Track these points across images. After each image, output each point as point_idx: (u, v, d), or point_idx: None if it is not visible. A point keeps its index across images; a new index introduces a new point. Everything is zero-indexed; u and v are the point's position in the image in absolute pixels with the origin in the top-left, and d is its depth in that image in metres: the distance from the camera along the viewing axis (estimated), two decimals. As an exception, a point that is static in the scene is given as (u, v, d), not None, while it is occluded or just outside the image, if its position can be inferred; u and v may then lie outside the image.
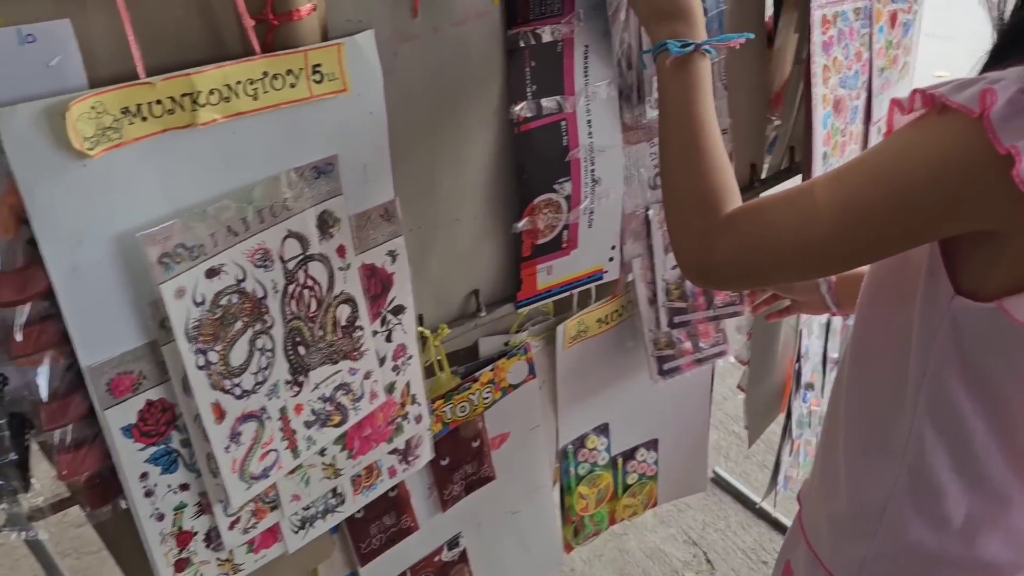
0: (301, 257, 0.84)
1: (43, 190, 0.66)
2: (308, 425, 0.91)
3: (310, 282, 0.86)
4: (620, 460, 1.51)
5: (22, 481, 0.79)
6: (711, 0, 1.12)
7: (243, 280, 0.80)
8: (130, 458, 0.77)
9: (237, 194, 0.77)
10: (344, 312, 0.91)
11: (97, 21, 0.68)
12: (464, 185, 1.04)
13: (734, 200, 0.78)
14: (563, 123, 1.06)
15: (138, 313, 0.74)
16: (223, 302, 0.78)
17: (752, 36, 0.91)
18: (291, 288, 0.85)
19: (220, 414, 0.81)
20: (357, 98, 0.85)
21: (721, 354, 1.42)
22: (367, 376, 0.96)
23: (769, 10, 1.35)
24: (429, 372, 1.13)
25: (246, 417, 0.84)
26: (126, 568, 0.90)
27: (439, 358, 1.13)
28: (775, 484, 1.79)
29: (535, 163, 1.07)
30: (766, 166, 1.48)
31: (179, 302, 0.74)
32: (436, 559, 1.28)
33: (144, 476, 0.79)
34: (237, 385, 0.82)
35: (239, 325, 0.80)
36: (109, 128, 0.68)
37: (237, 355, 0.81)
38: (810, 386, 1.69)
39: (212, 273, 0.77)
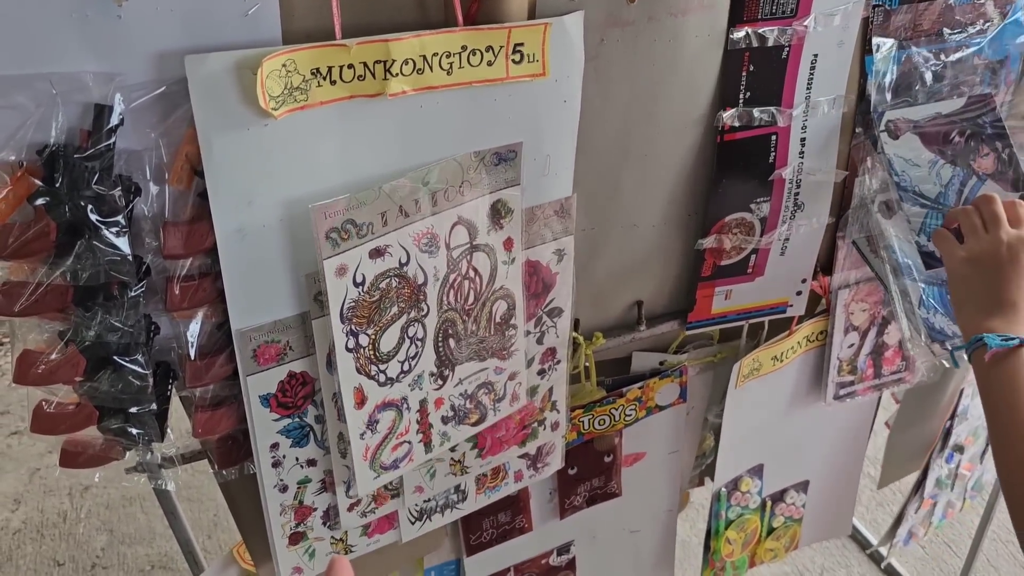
0: (467, 246, 0.79)
1: (222, 145, 0.63)
2: (445, 421, 0.87)
3: (472, 273, 0.81)
4: (769, 503, 1.41)
5: (159, 431, 0.78)
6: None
7: (406, 264, 0.75)
8: (264, 427, 0.75)
9: (414, 173, 0.72)
10: (500, 308, 0.85)
11: (300, -28, 0.64)
12: (650, 190, 0.95)
13: None
14: (774, 137, 0.95)
15: (295, 283, 0.71)
16: (383, 284, 0.74)
17: None
18: (452, 277, 0.79)
19: (361, 399, 0.77)
20: (554, 84, 0.78)
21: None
22: (512, 377, 0.90)
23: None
24: (574, 379, 1.06)
25: (386, 405, 0.80)
26: (243, 528, 0.89)
27: (587, 366, 1.06)
28: (893, 536, 1.66)
29: (734, 177, 0.96)
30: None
31: (339, 281, 0.70)
32: (543, 561, 1.22)
33: (275, 446, 0.77)
34: (383, 372, 0.78)
35: (395, 310, 0.76)
36: (297, 89, 0.64)
37: (388, 341, 0.77)
38: (960, 448, 1.55)
39: (376, 253, 0.72)
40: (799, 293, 1.10)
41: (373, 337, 0.76)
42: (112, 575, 1.95)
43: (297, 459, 0.80)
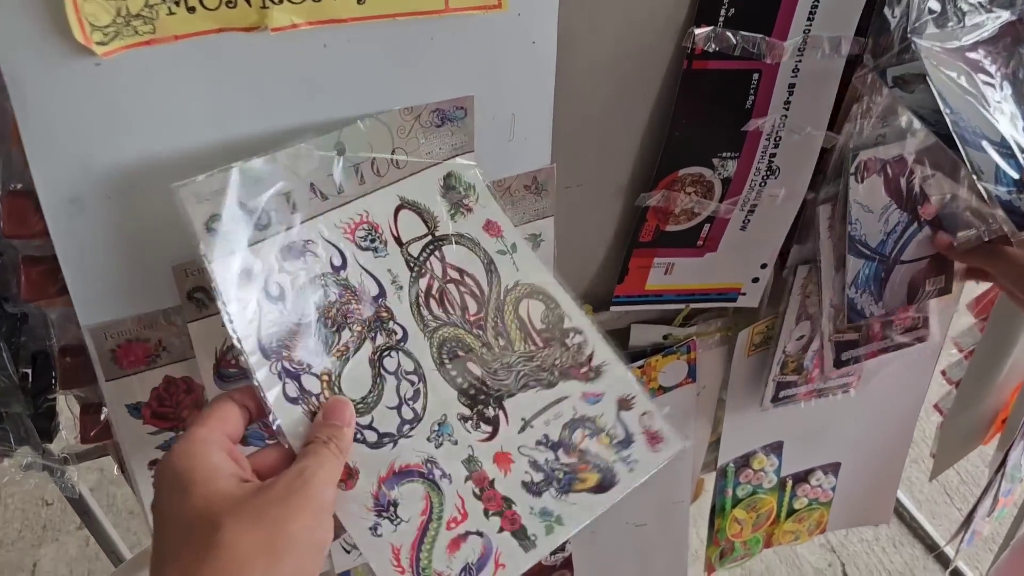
0: (428, 238, 0.61)
1: (38, 92, 0.47)
2: (532, 489, 0.57)
3: (455, 274, 0.62)
4: (790, 483, 1.26)
5: (39, 435, 0.66)
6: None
7: (342, 267, 0.56)
8: (137, 442, 0.61)
9: (322, 137, 0.55)
10: (536, 310, 0.63)
11: None
12: (642, 145, 0.78)
13: None
14: (755, 76, 0.73)
15: (161, 271, 0.56)
16: (315, 299, 0.55)
17: None
18: (426, 283, 0.60)
19: (348, 474, 0.54)
20: (516, 19, 0.60)
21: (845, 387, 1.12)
22: (626, 406, 0.62)
23: None
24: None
25: (401, 475, 0.55)
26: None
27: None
28: (962, 534, 1.49)
29: (698, 119, 0.74)
30: None
31: (243, 292, 0.51)
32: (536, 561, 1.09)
33: (154, 464, 0.64)
34: (369, 427, 0.55)
35: (348, 335, 0.55)
36: (136, 17, 0.48)
37: (354, 381, 0.55)
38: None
39: (292, 253, 0.54)
40: (755, 280, 0.90)
41: (327, 378, 0.54)
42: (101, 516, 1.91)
43: None
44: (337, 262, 0.56)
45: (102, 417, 0.63)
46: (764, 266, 0.89)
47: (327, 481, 0.48)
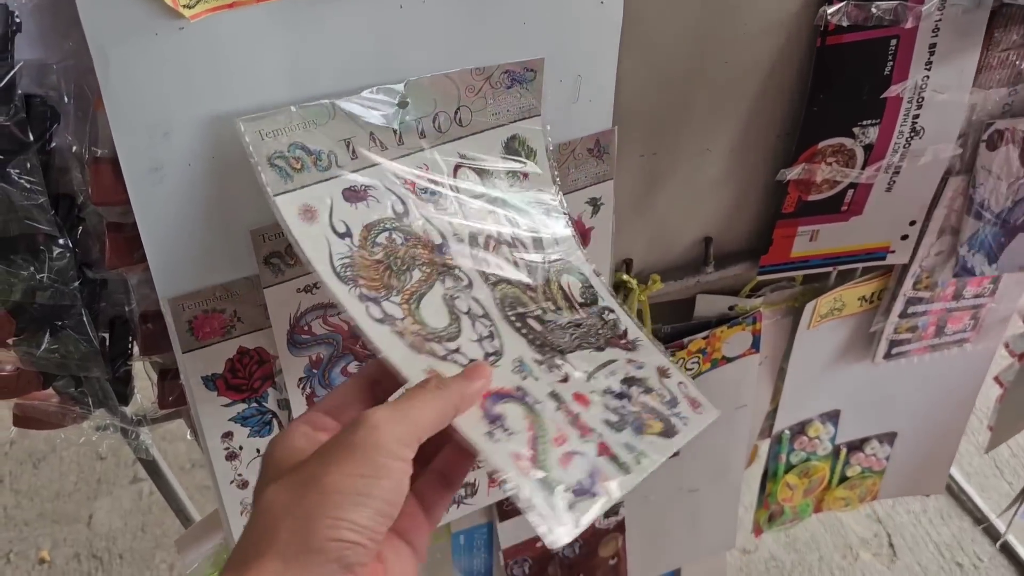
0: (484, 197, 0.59)
1: (121, 57, 0.46)
2: (614, 427, 0.57)
3: (507, 236, 0.60)
4: (844, 451, 1.24)
5: (117, 398, 0.66)
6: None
7: (404, 215, 0.55)
8: (212, 414, 0.61)
9: (383, 89, 0.54)
10: (574, 285, 0.63)
11: None
12: (728, 107, 0.75)
13: None
14: (893, 42, 0.72)
15: (238, 239, 0.55)
16: (381, 239, 0.54)
17: None
18: (482, 240, 0.59)
19: None
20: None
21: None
22: (665, 374, 0.63)
23: None
24: (625, 328, 0.89)
25: (499, 396, 0.53)
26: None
27: (641, 310, 0.89)
28: (1017, 507, 1.46)
29: (837, 93, 0.74)
30: None
31: (310, 227, 0.50)
32: (589, 524, 1.09)
33: (228, 436, 0.63)
34: (457, 351, 0.54)
35: (418, 275, 0.55)
36: (220, -21, 0.47)
37: (432, 314, 0.54)
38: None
39: (354, 196, 0.53)
40: (904, 237, 0.88)
41: (407, 308, 0.54)
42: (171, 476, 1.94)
43: (258, 451, 0.66)
44: (400, 209, 0.55)
45: (180, 382, 0.63)
46: (913, 223, 0.88)
47: (385, 422, 0.42)
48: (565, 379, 0.58)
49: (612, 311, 0.64)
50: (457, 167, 0.58)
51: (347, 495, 0.39)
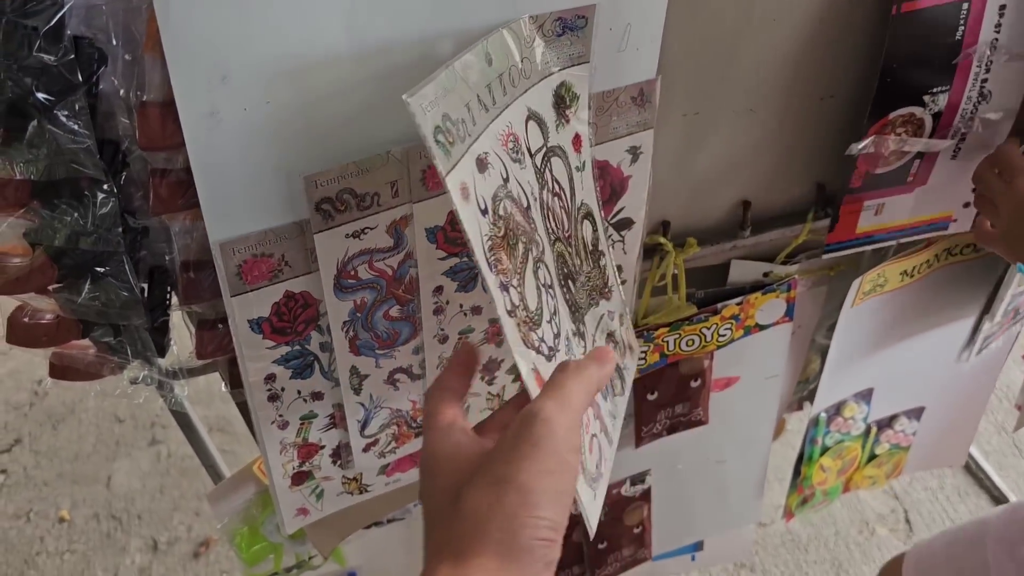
0: (544, 149, 0.57)
1: (181, 4, 0.46)
2: (603, 394, 0.60)
3: (556, 187, 0.59)
4: (875, 429, 1.23)
5: (155, 348, 0.66)
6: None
7: (507, 180, 0.51)
8: (256, 356, 0.61)
9: (475, 48, 0.51)
10: (588, 232, 0.63)
11: None
12: (777, 68, 0.74)
13: None
14: (965, 6, 0.71)
15: (289, 184, 0.54)
16: (501, 211, 0.50)
17: None
18: (544, 196, 0.57)
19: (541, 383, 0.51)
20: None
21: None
22: (623, 322, 0.68)
23: None
24: (659, 291, 0.89)
25: None
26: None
27: (676, 274, 0.88)
28: None
29: (910, 61, 0.73)
30: None
31: (467, 206, 0.46)
32: (614, 491, 1.09)
33: (271, 378, 0.63)
34: (543, 341, 0.52)
35: (521, 249, 0.52)
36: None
37: (531, 292, 0.52)
38: None
39: (481, 165, 0.49)
40: (967, 205, 0.87)
41: (519, 292, 0.51)
42: (171, 434, 1.95)
43: (299, 392, 0.66)
44: (504, 175, 0.52)
45: (219, 332, 0.62)
46: (974, 189, 0.86)
47: (555, 413, 0.44)
48: (585, 350, 0.61)
49: (604, 255, 0.66)
50: (527, 120, 0.56)
51: (544, 494, 0.41)
